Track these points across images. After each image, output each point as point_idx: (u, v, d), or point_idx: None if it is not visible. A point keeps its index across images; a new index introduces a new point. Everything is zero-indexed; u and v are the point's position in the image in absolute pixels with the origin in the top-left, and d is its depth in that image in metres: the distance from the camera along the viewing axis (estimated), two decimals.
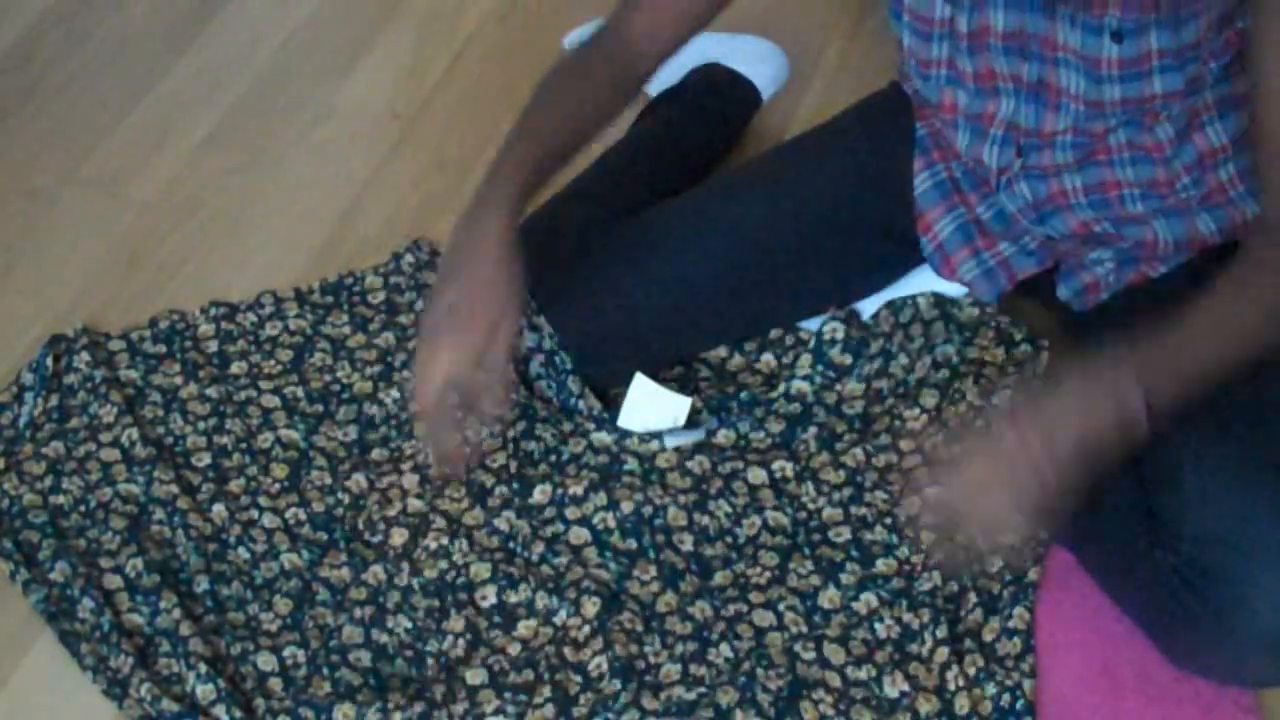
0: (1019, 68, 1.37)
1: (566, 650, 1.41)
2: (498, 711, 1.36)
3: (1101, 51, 1.30)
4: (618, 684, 1.38)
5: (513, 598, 1.45)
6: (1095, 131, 1.39)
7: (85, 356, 1.66)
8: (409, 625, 1.43)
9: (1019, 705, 1.36)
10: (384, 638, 1.43)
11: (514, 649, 1.42)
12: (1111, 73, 1.32)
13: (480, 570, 1.46)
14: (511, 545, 1.49)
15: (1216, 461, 1.29)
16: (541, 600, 1.44)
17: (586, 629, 1.42)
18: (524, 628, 1.43)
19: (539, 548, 1.49)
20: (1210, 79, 1.35)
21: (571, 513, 1.50)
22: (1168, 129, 1.38)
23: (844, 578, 1.45)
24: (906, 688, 1.37)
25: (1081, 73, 1.33)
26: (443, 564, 1.47)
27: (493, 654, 1.41)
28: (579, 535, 1.49)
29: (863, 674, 1.39)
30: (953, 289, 1.60)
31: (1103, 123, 1.38)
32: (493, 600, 1.45)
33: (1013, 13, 1.33)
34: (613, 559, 1.47)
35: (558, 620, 1.43)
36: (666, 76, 1.92)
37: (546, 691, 1.38)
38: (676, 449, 1.53)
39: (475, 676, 1.39)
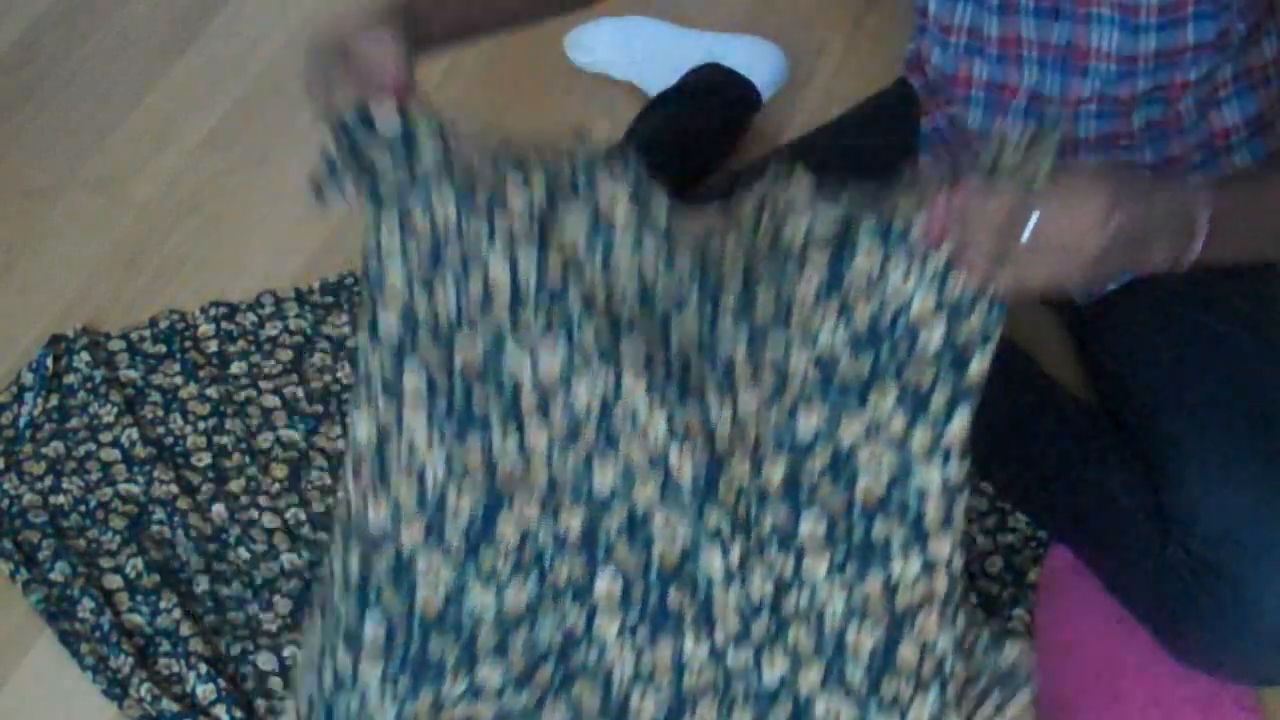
0: (1048, 30, 1.35)
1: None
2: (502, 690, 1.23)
3: None
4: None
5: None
6: (1122, 98, 1.38)
7: (85, 356, 1.66)
8: None
9: None
10: None
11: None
12: (1150, 20, 1.30)
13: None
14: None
15: (1229, 459, 1.29)
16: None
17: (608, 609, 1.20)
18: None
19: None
20: (1236, 41, 1.34)
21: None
22: (1189, 103, 1.37)
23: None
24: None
25: (1117, 25, 1.31)
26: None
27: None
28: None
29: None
30: None
31: (1131, 86, 1.36)
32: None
33: None
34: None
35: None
36: (666, 77, 1.92)
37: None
38: None
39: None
